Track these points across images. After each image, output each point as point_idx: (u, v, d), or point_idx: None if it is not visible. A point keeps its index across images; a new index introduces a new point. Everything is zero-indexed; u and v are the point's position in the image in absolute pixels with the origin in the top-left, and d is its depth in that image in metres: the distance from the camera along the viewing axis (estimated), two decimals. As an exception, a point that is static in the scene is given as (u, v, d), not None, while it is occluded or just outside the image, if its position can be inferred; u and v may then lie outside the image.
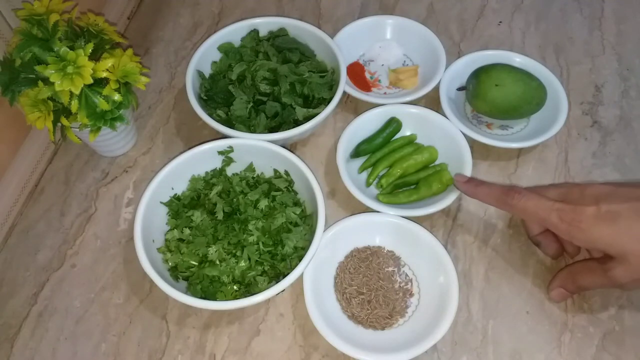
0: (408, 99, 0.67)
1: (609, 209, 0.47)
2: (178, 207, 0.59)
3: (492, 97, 0.62)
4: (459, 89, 0.68)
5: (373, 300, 0.55)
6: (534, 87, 0.63)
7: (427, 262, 0.56)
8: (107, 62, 0.55)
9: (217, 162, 0.61)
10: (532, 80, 0.63)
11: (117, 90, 0.56)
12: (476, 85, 0.63)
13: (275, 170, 0.61)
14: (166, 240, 0.57)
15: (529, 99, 0.62)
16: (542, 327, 0.54)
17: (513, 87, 0.61)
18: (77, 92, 0.52)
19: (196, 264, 0.55)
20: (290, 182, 0.60)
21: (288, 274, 0.51)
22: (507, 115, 0.65)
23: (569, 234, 0.49)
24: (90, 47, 0.54)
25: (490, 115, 0.66)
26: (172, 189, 0.59)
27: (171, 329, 0.55)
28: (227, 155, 0.61)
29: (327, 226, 0.57)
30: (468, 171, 0.60)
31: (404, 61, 0.74)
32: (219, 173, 0.61)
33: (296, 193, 0.60)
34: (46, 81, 0.53)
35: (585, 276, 0.51)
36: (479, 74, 0.63)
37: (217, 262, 0.54)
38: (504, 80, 0.62)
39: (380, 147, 0.64)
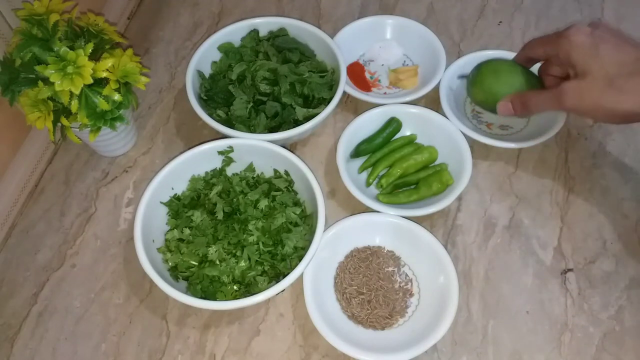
0: (408, 99, 0.67)
1: (602, 35, 0.52)
2: (178, 207, 0.59)
3: (489, 85, 0.61)
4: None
5: (373, 300, 0.55)
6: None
7: (427, 262, 0.56)
8: (107, 62, 0.55)
9: (217, 162, 0.61)
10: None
11: (117, 90, 0.56)
12: (476, 74, 0.63)
13: (275, 170, 0.61)
14: (166, 240, 0.57)
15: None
16: (542, 327, 0.54)
17: (510, 76, 0.61)
18: (77, 92, 0.52)
19: (196, 264, 0.55)
20: (290, 182, 0.60)
21: (288, 274, 0.51)
22: None
23: (567, 38, 0.53)
24: (90, 47, 0.54)
25: (486, 105, 0.64)
26: (172, 189, 0.59)
27: (171, 329, 0.55)
28: (227, 155, 0.61)
29: (327, 226, 0.57)
30: (468, 171, 0.60)
31: (404, 61, 0.74)
32: (219, 173, 0.61)
33: (296, 193, 0.60)
34: (46, 81, 0.53)
35: (535, 93, 0.57)
36: (481, 65, 0.63)
37: (217, 262, 0.54)
38: (503, 70, 0.61)
39: (380, 147, 0.64)
